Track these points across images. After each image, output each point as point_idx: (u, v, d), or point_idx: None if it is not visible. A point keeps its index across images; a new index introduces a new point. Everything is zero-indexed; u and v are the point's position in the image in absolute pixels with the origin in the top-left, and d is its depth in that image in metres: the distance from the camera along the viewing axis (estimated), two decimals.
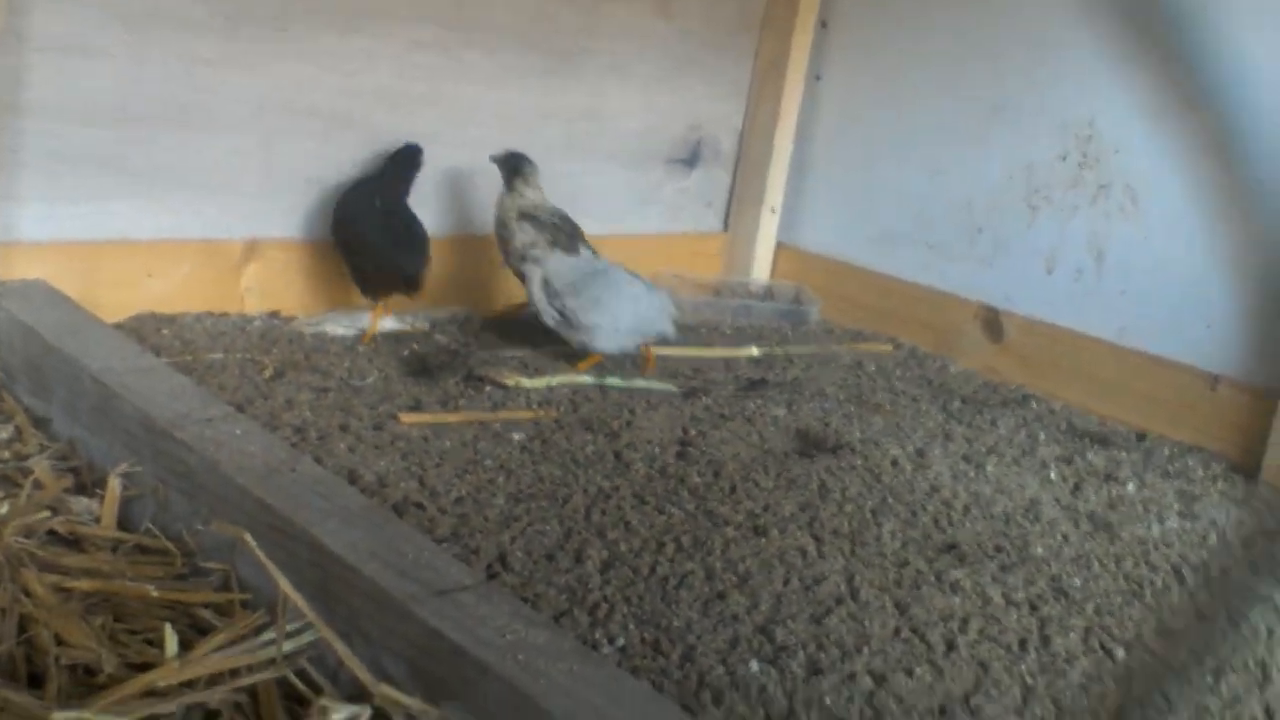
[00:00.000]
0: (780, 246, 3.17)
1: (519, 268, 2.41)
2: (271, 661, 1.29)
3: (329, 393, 2.05)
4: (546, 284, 2.35)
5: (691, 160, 3.07)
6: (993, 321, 2.74)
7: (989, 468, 2.10)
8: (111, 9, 2.11)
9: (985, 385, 2.63)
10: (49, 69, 2.07)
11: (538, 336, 2.49)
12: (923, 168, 2.91)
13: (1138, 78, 2.43)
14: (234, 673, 1.28)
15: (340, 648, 1.27)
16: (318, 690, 1.28)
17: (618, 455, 1.95)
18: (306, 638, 1.32)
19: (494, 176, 2.51)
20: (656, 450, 1.99)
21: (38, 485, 1.64)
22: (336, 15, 2.37)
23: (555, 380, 2.24)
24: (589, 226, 2.75)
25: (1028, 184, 2.72)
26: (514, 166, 2.45)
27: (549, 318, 2.34)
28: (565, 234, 2.42)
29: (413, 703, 1.21)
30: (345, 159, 2.46)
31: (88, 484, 1.70)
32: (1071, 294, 2.64)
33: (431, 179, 2.58)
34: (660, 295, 2.41)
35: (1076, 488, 2.07)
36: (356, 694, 1.25)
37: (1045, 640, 1.55)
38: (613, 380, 2.29)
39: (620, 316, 2.34)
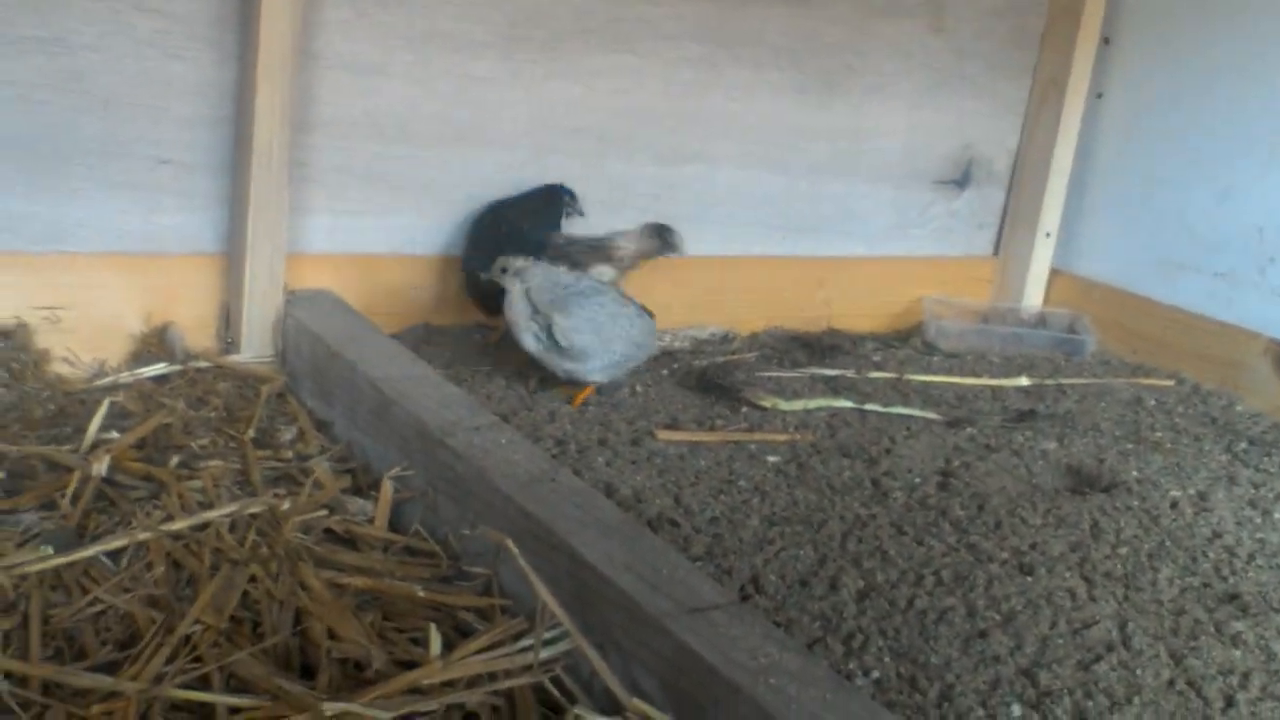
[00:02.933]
0: (1055, 273, 3.05)
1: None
2: (529, 668, 1.32)
3: (589, 406, 2.08)
4: (528, 297, 2.05)
5: (963, 181, 2.98)
6: None
7: (1277, 515, 1.96)
8: (396, 30, 2.21)
9: (1275, 426, 2.45)
10: (337, 87, 2.19)
11: (798, 359, 2.48)
12: (1210, 191, 2.75)
13: None
14: (493, 676, 1.31)
15: (595, 658, 1.28)
16: (572, 699, 1.30)
17: (875, 483, 1.90)
18: (562, 646, 1.34)
19: (744, 193, 2.53)
20: (917, 480, 1.93)
21: (317, 485, 1.73)
22: (606, 35, 2.42)
23: (813, 404, 2.22)
24: (852, 248, 2.71)
25: None
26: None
27: (529, 337, 2.05)
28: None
29: (664, 719, 1.21)
30: (611, 174, 2.50)
31: (363, 486, 1.78)
32: None
33: (690, 197, 2.60)
34: (647, 319, 2.17)
35: None
36: (609, 706, 1.26)
37: None
38: (872, 405, 2.24)
39: (613, 341, 2.08)
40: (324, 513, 1.65)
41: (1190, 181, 2.79)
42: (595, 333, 2.04)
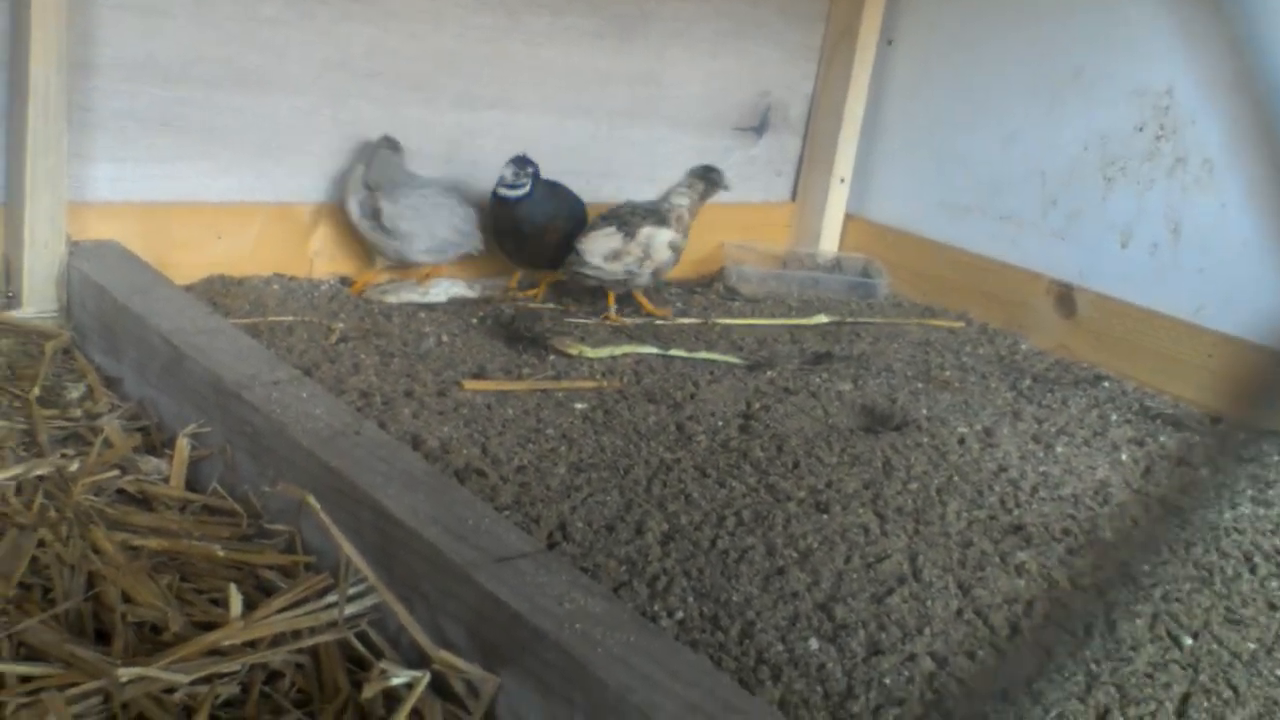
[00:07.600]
0: (850, 217, 3.13)
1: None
2: (333, 624, 1.30)
3: (394, 358, 2.06)
4: (362, 184, 2.34)
5: (760, 127, 3.03)
6: (1065, 297, 2.69)
7: (1058, 448, 2.07)
8: None
9: (1057, 363, 2.59)
10: (119, 28, 2.09)
11: (605, 306, 2.50)
12: (995, 137, 2.86)
13: (1215, 44, 2.34)
14: (296, 634, 1.29)
15: (401, 611, 1.28)
16: (378, 654, 1.29)
17: (680, 427, 1.94)
18: (368, 601, 1.33)
19: (546, 139, 2.57)
20: (719, 423, 1.98)
21: (108, 444, 1.66)
22: None
23: (619, 350, 2.24)
24: (653, 194, 2.73)
25: (1103, 155, 2.65)
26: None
27: (363, 223, 2.35)
28: None
29: (471, 669, 1.22)
30: (411, 120, 2.46)
31: (157, 444, 1.72)
32: (1147, 270, 2.58)
33: (492, 144, 2.57)
34: (468, 209, 2.46)
35: (1148, 471, 2.03)
36: (416, 658, 1.26)
37: (1111, 626, 1.52)
38: (677, 351, 2.28)
39: (435, 226, 2.39)
40: (116, 473, 1.59)
41: (976, 127, 2.90)
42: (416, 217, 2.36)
